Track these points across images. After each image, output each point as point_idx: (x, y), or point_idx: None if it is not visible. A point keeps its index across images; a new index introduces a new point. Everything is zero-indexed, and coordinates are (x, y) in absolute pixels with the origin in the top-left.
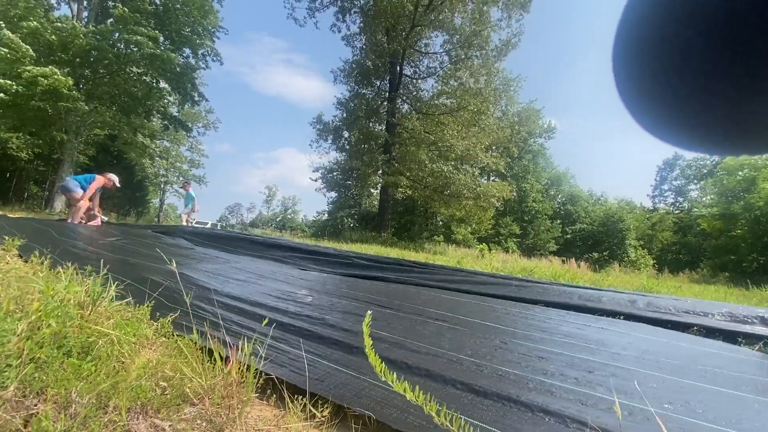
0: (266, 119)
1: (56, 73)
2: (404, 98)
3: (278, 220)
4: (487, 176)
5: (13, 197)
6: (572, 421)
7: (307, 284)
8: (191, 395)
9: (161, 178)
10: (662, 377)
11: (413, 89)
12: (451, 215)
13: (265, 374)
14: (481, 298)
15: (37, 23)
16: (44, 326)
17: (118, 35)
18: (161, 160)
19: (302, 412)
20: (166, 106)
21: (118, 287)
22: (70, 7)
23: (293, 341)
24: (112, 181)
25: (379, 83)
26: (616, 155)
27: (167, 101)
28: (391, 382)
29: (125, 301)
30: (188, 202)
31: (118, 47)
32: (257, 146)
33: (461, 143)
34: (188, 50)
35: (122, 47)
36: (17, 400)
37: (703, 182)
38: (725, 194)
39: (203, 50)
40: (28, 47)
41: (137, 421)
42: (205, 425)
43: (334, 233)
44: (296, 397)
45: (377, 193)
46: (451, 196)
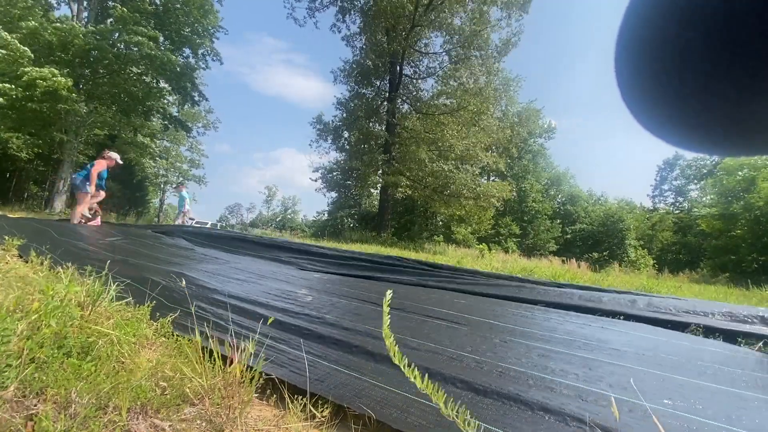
0: (266, 119)
1: (55, 74)
2: (404, 98)
3: (278, 220)
4: (487, 176)
5: (13, 197)
6: (572, 419)
7: (307, 284)
8: (191, 395)
9: (161, 178)
10: (662, 375)
11: (413, 89)
12: (451, 215)
13: (265, 374)
14: (481, 298)
15: (36, 23)
16: (44, 326)
17: (117, 35)
18: (161, 160)
19: (302, 412)
20: (166, 106)
21: (118, 287)
22: (69, 7)
23: (293, 341)
24: (113, 159)
25: (379, 83)
26: (616, 155)
27: (167, 101)
28: (403, 367)
29: (125, 301)
30: (181, 203)
31: (118, 47)
32: (257, 146)
33: (461, 143)
34: (188, 50)
35: (122, 47)
36: (17, 400)
37: (703, 182)
38: (725, 194)
39: (203, 50)
40: (26, 48)
41: (137, 421)
42: (205, 425)
43: (334, 233)
44: (296, 397)
45: (377, 193)
46: (451, 195)
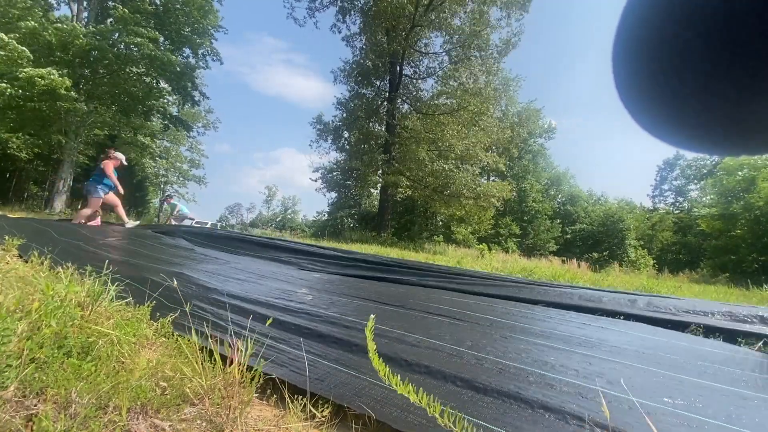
0: (266, 119)
1: (53, 73)
2: (404, 98)
3: (278, 220)
4: (487, 176)
5: (13, 197)
6: (572, 417)
7: (307, 284)
8: (191, 395)
9: (161, 178)
10: (662, 373)
11: (413, 89)
12: (451, 215)
13: (265, 374)
14: (480, 298)
15: (35, 23)
16: (44, 326)
17: (118, 36)
18: (161, 160)
19: (302, 412)
20: (166, 105)
21: (118, 287)
22: (69, 7)
23: (293, 340)
24: (119, 159)
25: (379, 83)
26: (616, 155)
27: (167, 101)
28: (395, 385)
29: (125, 301)
30: (171, 211)
31: (118, 47)
32: (257, 146)
33: (461, 143)
34: (188, 50)
35: (122, 47)
36: (17, 400)
37: (703, 182)
38: (725, 194)
39: (203, 50)
40: (24, 48)
41: (137, 421)
42: (205, 425)
43: (334, 233)
44: (296, 396)
45: (377, 193)
46: (451, 195)
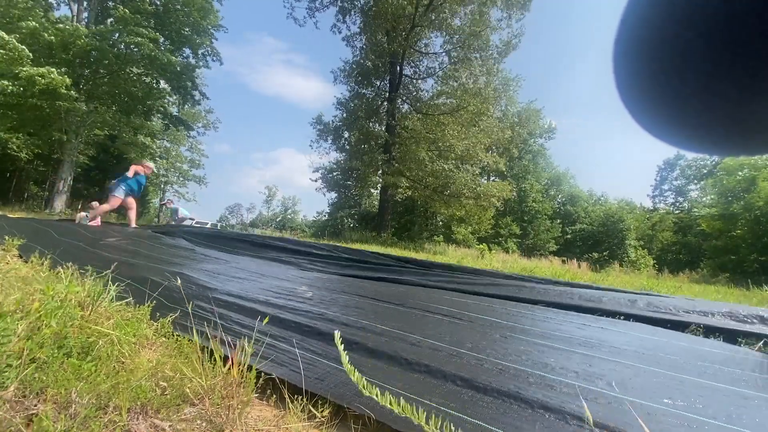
0: (265, 120)
1: (53, 72)
2: (404, 98)
3: (278, 220)
4: (487, 176)
5: (13, 197)
6: (572, 417)
7: (307, 283)
8: (191, 395)
9: (161, 178)
10: (662, 374)
11: (413, 89)
12: (451, 215)
13: (265, 374)
14: (481, 297)
15: (36, 23)
16: (45, 326)
17: (118, 36)
18: (161, 160)
19: (302, 412)
20: (166, 105)
21: (118, 287)
22: (70, 7)
23: (293, 340)
24: (150, 167)
25: (379, 83)
26: (616, 155)
27: (168, 101)
28: (375, 396)
29: (125, 301)
30: (173, 214)
31: (118, 47)
32: (257, 146)
33: (461, 143)
34: (188, 50)
35: (122, 48)
36: (17, 400)
37: (703, 182)
38: (725, 194)
39: (203, 50)
40: (24, 48)
41: (137, 421)
42: (205, 425)
43: (334, 233)
44: (296, 396)
45: (377, 193)
46: (451, 196)
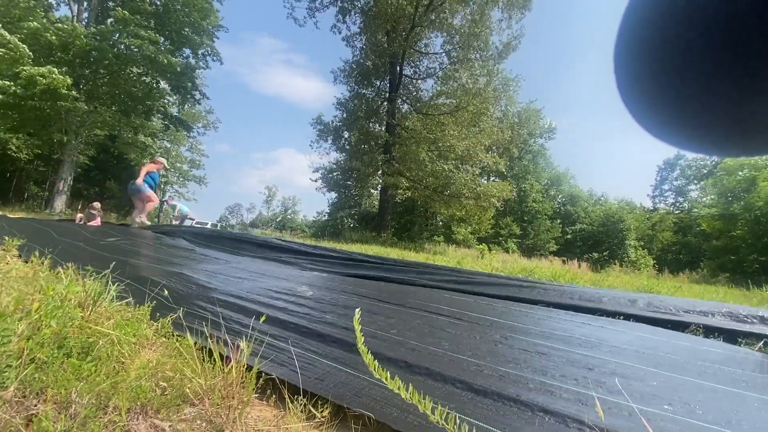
0: (265, 120)
1: (54, 72)
2: (404, 98)
3: (278, 220)
4: (487, 176)
5: (13, 197)
6: (572, 420)
7: (307, 283)
8: (191, 395)
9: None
10: (662, 376)
11: (413, 89)
12: (451, 215)
13: (265, 374)
14: (481, 297)
15: (37, 24)
16: (45, 326)
17: (118, 36)
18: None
19: (302, 412)
20: (166, 105)
21: (118, 287)
22: (70, 7)
23: (293, 340)
24: (162, 163)
25: (379, 83)
26: (616, 155)
27: (167, 101)
28: (384, 379)
29: (125, 301)
30: (173, 212)
31: (118, 48)
32: (256, 146)
33: (461, 143)
34: (188, 50)
35: (122, 48)
36: (17, 400)
37: (703, 182)
38: (725, 194)
39: (203, 50)
40: (25, 47)
41: (137, 421)
42: (204, 426)
43: (334, 233)
44: (296, 397)
45: (377, 193)
46: (451, 196)
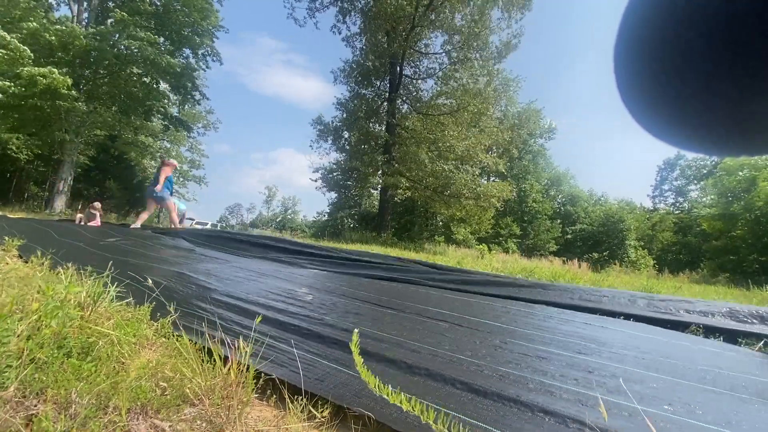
0: (265, 120)
1: (54, 72)
2: (404, 99)
3: (278, 220)
4: (487, 177)
5: (13, 198)
6: (572, 421)
7: (307, 283)
8: (191, 396)
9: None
10: (662, 378)
11: (413, 90)
12: (451, 215)
13: (265, 374)
14: (481, 297)
15: (36, 24)
16: (44, 327)
17: (117, 36)
18: (161, 160)
19: (302, 412)
20: (166, 106)
21: (118, 288)
22: (70, 8)
23: (293, 341)
24: (174, 164)
25: (379, 83)
26: (616, 155)
27: (168, 101)
28: (387, 395)
29: (125, 301)
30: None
31: (118, 48)
32: (256, 147)
33: (461, 144)
34: (188, 50)
35: (122, 48)
36: (17, 400)
37: (703, 182)
38: (725, 194)
39: (203, 50)
40: (25, 48)
41: (137, 421)
42: (204, 426)
43: (334, 234)
44: (296, 397)
45: (377, 193)
46: (451, 196)
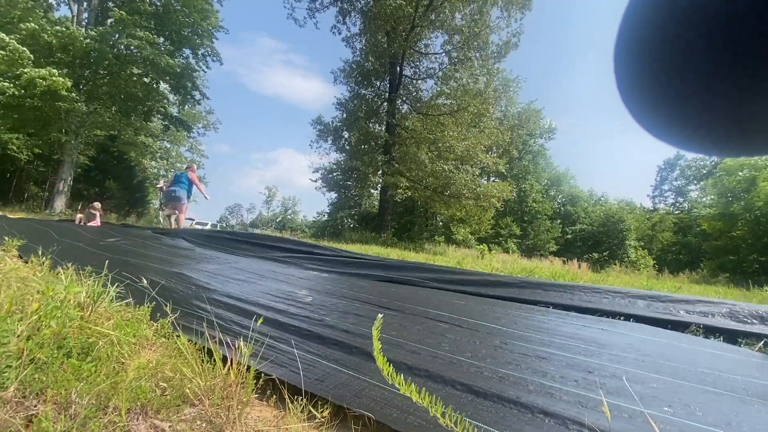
0: (265, 120)
1: (54, 74)
2: (404, 99)
3: (278, 220)
4: (487, 177)
5: (13, 198)
6: (572, 422)
7: (307, 284)
8: (191, 396)
9: (165, 179)
10: (662, 379)
11: (413, 90)
12: (451, 216)
13: (265, 375)
14: (481, 298)
15: (36, 25)
16: (44, 327)
17: (117, 36)
18: (161, 160)
19: (302, 412)
20: (166, 106)
21: (118, 288)
22: (70, 8)
23: (293, 341)
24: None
25: (379, 84)
26: (616, 155)
27: (167, 101)
28: (398, 384)
29: (125, 301)
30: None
31: (118, 48)
32: (255, 147)
33: (461, 144)
34: (188, 51)
35: (122, 48)
36: (17, 400)
37: (703, 182)
38: (725, 194)
39: (203, 50)
40: (24, 49)
41: (137, 421)
42: (204, 426)
43: (334, 234)
44: (296, 397)
45: (377, 193)
46: (451, 196)
